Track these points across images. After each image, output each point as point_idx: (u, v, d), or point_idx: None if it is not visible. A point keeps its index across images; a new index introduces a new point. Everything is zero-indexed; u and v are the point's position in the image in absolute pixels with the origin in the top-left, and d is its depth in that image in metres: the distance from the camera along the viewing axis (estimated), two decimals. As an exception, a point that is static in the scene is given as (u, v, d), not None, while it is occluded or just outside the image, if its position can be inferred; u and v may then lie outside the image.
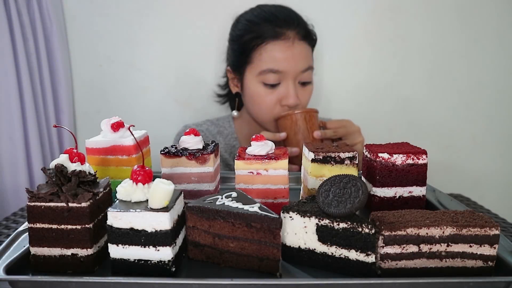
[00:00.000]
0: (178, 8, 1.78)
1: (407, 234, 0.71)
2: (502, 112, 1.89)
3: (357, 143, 1.40)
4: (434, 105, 1.89)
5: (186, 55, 1.82)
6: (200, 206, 0.75)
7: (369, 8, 1.80)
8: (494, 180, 1.95)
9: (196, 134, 0.97)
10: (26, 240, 0.76)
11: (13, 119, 1.56)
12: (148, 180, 0.74)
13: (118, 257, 0.72)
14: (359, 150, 1.38)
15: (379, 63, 1.85)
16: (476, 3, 1.79)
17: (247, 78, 1.50)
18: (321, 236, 0.75)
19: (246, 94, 1.53)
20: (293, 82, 1.45)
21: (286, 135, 1.41)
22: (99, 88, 1.84)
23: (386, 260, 0.72)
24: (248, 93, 1.52)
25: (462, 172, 1.91)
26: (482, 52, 1.84)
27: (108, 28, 1.79)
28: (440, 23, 1.82)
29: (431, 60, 1.85)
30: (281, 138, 1.41)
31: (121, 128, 0.96)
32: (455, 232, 0.71)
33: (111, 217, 0.70)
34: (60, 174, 0.73)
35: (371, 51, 1.84)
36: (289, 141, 1.41)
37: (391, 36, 1.83)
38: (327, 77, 1.84)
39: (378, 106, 1.88)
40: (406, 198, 0.91)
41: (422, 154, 0.88)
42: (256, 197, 0.91)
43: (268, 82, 1.45)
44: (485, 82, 1.86)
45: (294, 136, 1.40)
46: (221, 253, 0.77)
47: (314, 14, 1.57)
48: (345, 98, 1.89)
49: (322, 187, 0.77)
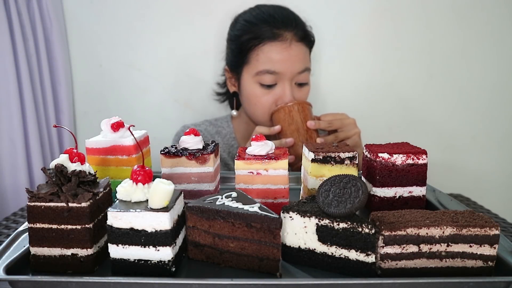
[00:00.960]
0: (177, 8, 1.78)
1: (407, 234, 0.71)
2: (502, 112, 1.89)
3: (353, 135, 1.40)
4: (434, 105, 1.89)
5: (186, 55, 1.82)
6: (200, 206, 0.75)
7: (369, 8, 1.80)
8: (494, 180, 1.94)
9: (196, 134, 0.97)
10: (26, 240, 0.76)
11: (13, 119, 1.56)
12: (148, 180, 0.74)
13: (118, 257, 0.72)
14: (355, 142, 1.39)
15: (379, 63, 1.85)
16: (476, 3, 1.79)
17: (244, 78, 1.50)
18: (321, 236, 0.75)
19: (243, 94, 1.54)
20: (290, 83, 1.46)
21: (280, 128, 1.40)
22: (99, 88, 1.84)
23: (386, 260, 0.72)
24: (245, 93, 1.52)
25: (462, 172, 1.91)
26: (482, 52, 1.84)
27: (108, 28, 1.79)
28: (440, 23, 1.81)
29: (431, 60, 1.84)
30: (275, 131, 1.40)
31: (121, 128, 0.96)
32: (455, 232, 0.71)
33: (111, 217, 0.70)
34: (60, 174, 0.73)
35: (371, 51, 1.84)
36: (283, 133, 1.40)
37: (391, 36, 1.82)
38: (327, 77, 1.84)
39: (378, 106, 1.88)
40: (406, 198, 0.91)
41: (422, 154, 0.88)
42: (256, 197, 0.92)
43: (264, 83, 1.45)
44: (485, 82, 1.86)
45: (288, 127, 1.39)
46: (221, 253, 0.77)
47: (313, 14, 1.57)
48: (345, 98, 1.88)
49: (322, 187, 0.78)
